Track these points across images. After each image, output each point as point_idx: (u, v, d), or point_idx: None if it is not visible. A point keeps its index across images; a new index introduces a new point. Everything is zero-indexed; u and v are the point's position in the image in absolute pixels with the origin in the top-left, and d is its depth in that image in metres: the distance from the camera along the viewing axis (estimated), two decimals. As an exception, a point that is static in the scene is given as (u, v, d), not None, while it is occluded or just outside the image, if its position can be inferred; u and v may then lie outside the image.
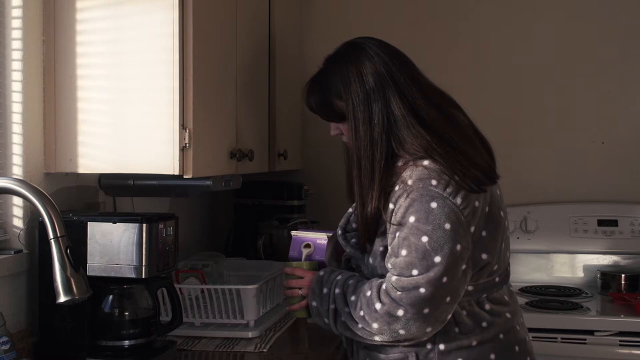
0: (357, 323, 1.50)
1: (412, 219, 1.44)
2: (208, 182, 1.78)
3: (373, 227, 1.54)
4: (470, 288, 1.50)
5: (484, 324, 1.51)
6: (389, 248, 1.49)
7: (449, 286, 1.43)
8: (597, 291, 2.66)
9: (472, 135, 1.58)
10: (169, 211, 2.26)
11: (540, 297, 2.58)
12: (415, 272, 1.42)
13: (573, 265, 2.81)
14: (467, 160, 1.48)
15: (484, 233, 1.49)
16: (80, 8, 1.67)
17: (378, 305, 1.45)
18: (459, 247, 1.42)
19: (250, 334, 1.86)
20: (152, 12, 1.62)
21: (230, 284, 1.99)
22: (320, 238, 1.74)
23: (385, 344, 1.50)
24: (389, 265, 1.48)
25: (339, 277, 1.57)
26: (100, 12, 1.66)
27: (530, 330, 1.70)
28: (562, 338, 2.31)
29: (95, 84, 1.67)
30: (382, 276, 1.52)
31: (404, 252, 1.44)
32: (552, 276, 2.81)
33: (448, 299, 1.43)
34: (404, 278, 1.43)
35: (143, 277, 1.54)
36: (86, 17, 1.67)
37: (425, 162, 1.47)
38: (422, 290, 1.41)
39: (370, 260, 1.57)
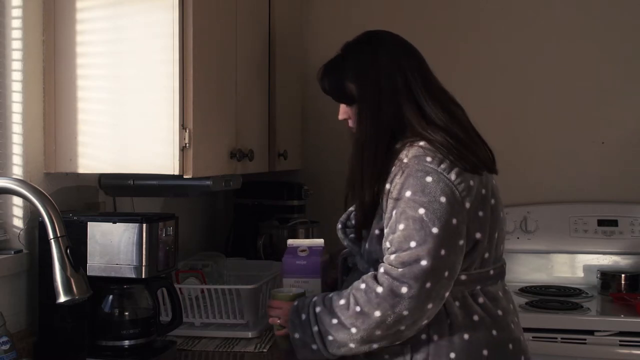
0: (348, 329, 1.46)
1: (408, 193, 1.47)
2: (208, 182, 1.78)
3: (371, 211, 1.57)
4: (463, 277, 1.51)
5: (475, 318, 1.52)
6: (387, 228, 1.50)
7: (448, 260, 1.44)
8: (597, 291, 2.66)
9: (472, 134, 1.62)
10: (169, 211, 2.25)
11: (540, 297, 2.58)
12: (413, 243, 1.43)
13: (573, 265, 2.81)
14: (465, 147, 1.53)
15: (480, 213, 1.52)
16: (80, 8, 1.67)
17: (379, 289, 1.44)
18: (454, 221, 1.45)
19: (250, 334, 1.86)
20: (152, 12, 1.62)
21: (230, 284, 1.99)
22: (317, 245, 1.79)
23: (383, 343, 1.49)
24: (386, 244, 1.48)
25: (315, 298, 1.55)
26: (100, 12, 1.67)
27: (531, 330, 1.70)
28: (562, 338, 2.31)
29: (95, 84, 1.67)
30: (377, 262, 1.53)
31: (401, 226, 1.45)
32: (552, 276, 2.81)
33: (446, 273, 1.44)
34: (403, 253, 1.44)
35: (143, 277, 1.55)
36: (86, 17, 1.67)
37: (422, 143, 1.53)
38: (424, 262, 1.42)
39: (367, 245, 1.58)
